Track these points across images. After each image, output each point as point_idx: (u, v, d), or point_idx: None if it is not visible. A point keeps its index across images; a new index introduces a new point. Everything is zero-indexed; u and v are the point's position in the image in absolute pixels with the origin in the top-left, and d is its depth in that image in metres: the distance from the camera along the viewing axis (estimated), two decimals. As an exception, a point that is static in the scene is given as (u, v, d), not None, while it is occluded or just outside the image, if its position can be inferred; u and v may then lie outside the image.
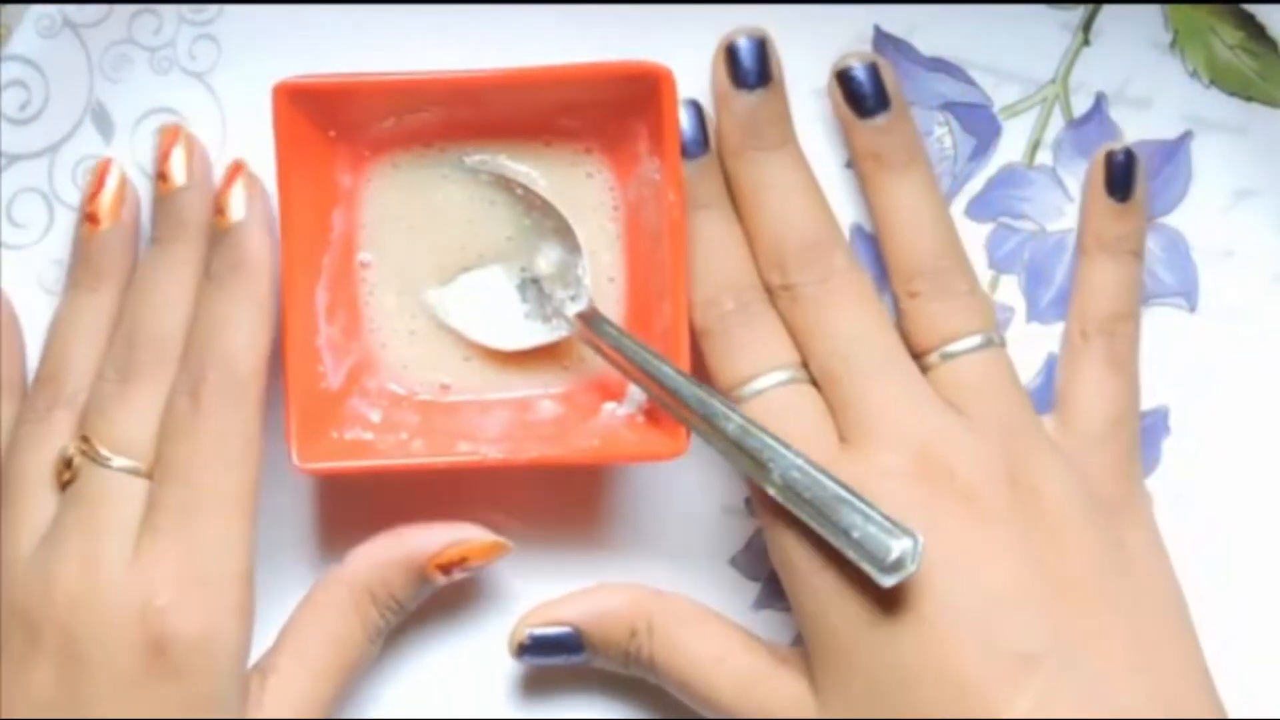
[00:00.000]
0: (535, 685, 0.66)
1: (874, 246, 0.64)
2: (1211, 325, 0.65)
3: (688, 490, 0.65)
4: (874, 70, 0.63)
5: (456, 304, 0.64)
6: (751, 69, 0.63)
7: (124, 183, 0.64)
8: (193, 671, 0.58)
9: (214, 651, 0.59)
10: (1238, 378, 0.65)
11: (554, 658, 0.64)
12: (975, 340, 0.62)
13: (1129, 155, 0.64)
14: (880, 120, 0.63)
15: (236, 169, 0.62)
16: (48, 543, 0.60)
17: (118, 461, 0.60)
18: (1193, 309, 0.65)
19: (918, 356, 0.62)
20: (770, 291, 0.63)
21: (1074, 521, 0.60)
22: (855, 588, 0.59)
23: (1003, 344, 0.63)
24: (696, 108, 0.63)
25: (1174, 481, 0.64)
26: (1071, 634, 0.58)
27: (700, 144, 0.63)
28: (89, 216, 0.63)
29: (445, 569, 0.63)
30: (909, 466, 0.60)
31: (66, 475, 0.60)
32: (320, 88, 0.61)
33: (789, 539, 0.60)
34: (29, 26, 0.64)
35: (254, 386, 0.60)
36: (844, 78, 0.63)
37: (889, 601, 0.58)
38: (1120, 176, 0.64)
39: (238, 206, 0.62)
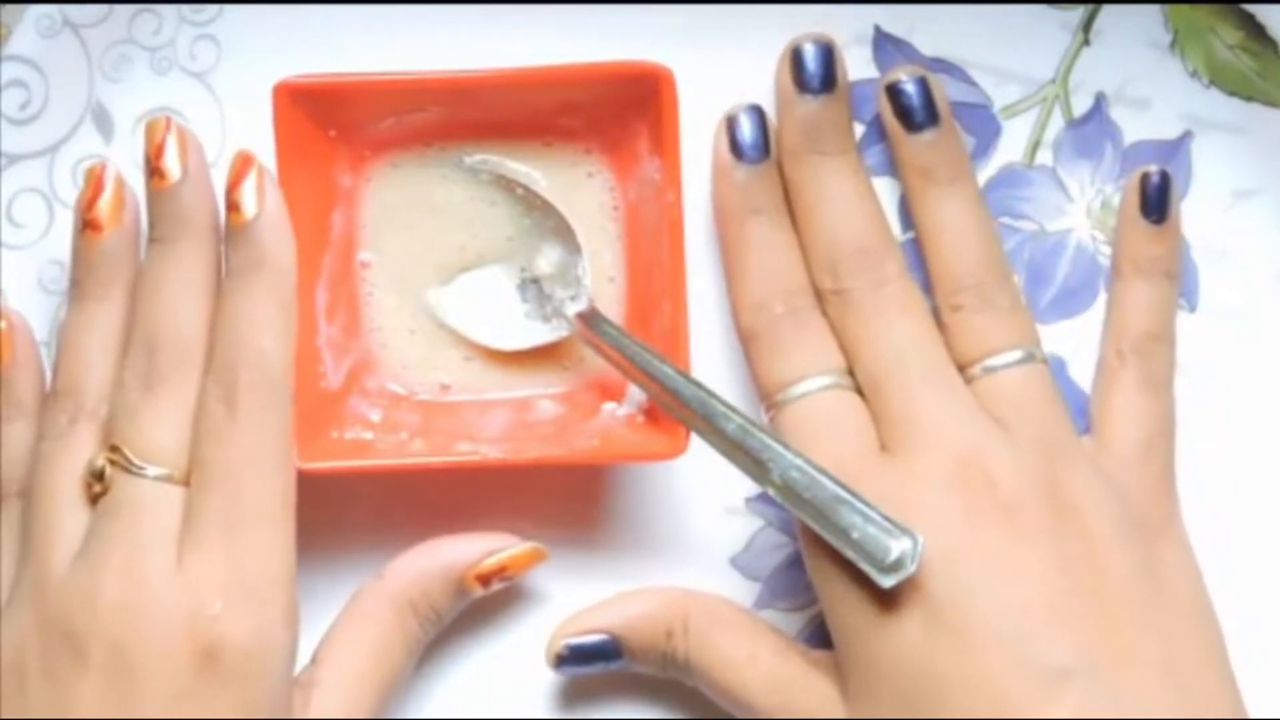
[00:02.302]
0: (530, 685, 0.66)
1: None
2: (1211, 325, 0.65)
3: (688, 490, 0.65)
4: (924, 84, 0.63)
5: (456, 304, 0.64)
6: (816, 74, 0.63)
7: (121, 184, 0.62)
8: (245, 679, 0.58)
9: (266, 658, 0.58)
10: (1238, 378, 0.65)
11: (592, 666, 0.64)
12: (1017, 355, 0.62)
13: (1164, 177, 0.64)
14: (929, 135, 0.63)
15: (245, 162, 0.61)
16: (86, 557, 0.59)
17: (151, 470, 0.59)
18: (1193, 309, 0.65)
19: (959, 369, 0.62)
20: (820, 296, 0.63)
21: (1111, 540, 0.59)
22: (888, 595, 0.58)
23: (1044, 360, 0.63)
24: (760, 113, 0.63)
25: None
26: (1105, 652, 0.58)
27: (761, 149, 0.63)
28: (90, 223, 0.62)
29: (484, 580, 0.63)
30: (950, 476, 0.59)
31: (98, 488, 0.59)
32: (321, 87, 0.61)
33: (820, 546, 0.60)
34: (29, 26, 0.64)
35: (286, 386, 0.60)
36: (893, 92, 0.63)
37: (922, 610, 0.58)
38: (1155, 198, 0.64)
39: (250, 202, 0.61)
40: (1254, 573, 0.64)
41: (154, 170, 0.61)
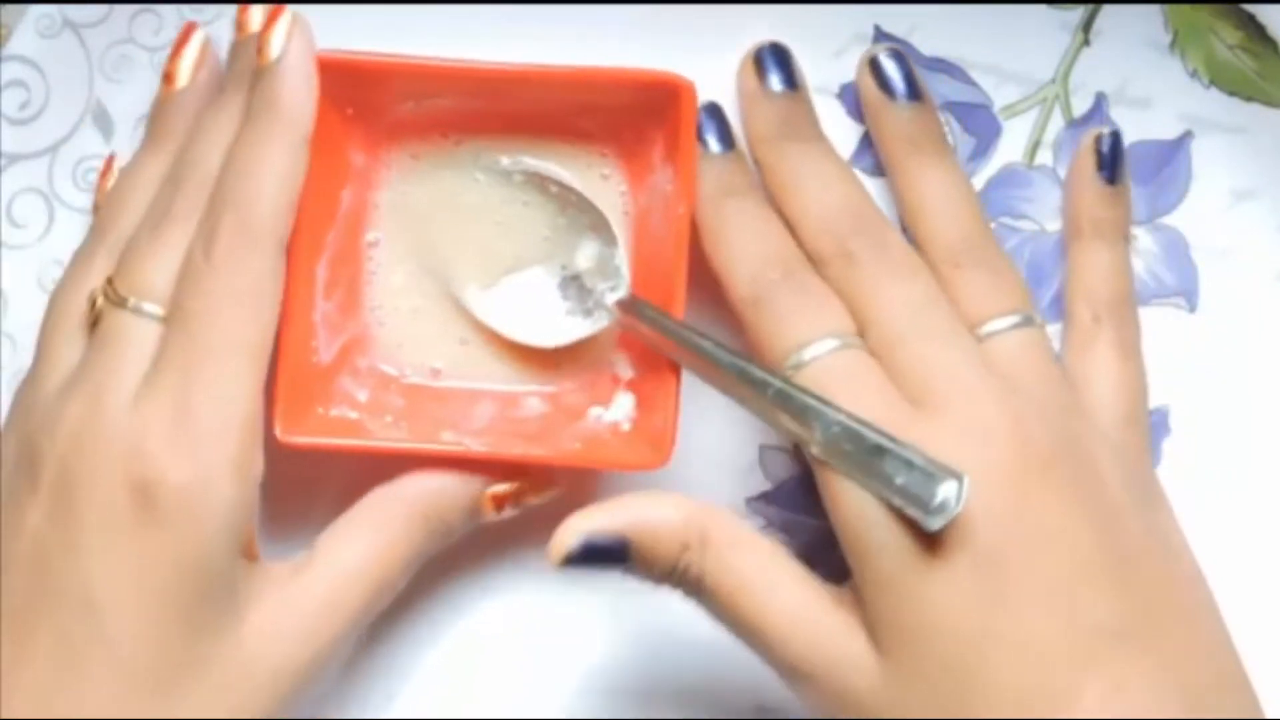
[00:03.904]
0: (523, 685, 0.65)
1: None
2: (1211, 325, 0.65)
3: (686, 491, 0.64)
4: (903, 59, 0.63)
5: (500, 308, 0.64)
6: (778, 74, 0.63)
7: (206, 46, 0.64)
8: (179, 523, 0.56)
9: (203, 503, 0.57)
10: (1238, 378, 0.65)
11: (600, 567, 0.59)
12: (1015, 319, 0.61)
13: (1115, 136, 0.64)
14: (911, 104, 0.63)
15: (281, 10, 0.61)
16: (68, 384, 0.59)
17: (133, 303, 0.59)
18: (1193, 309, 0.65)
19: None
20: (820, 262, 0.62)
21: (1125, 501, 0.59)
22: (934, 553, 0.56)
23: (1042, 324, 0.62)
24: (718, 108, 0.63)
25: (1174, 481, 0.63)
26: (1146, 612, 0.57)
27: (726, 141, 0.63)
28: (167, 76, 0.64)
29: (499, 502, 0.62)
30: (986, 431, 0.58)
31: (92, 317, 0.60)
32: (338, 63, 0.61)
33: (853, 502, 0.58)
34: (29, 26, 0.64)
35: (271, 232, 0.59)
36: (874, 65, 0.64)
37: (969, 560, 0.56)
38: (1109, 156, 0.64)
39: (276, 45, 0.60)
40: (1253, 573, 0.64)
41: (240, 22, 0.64)
